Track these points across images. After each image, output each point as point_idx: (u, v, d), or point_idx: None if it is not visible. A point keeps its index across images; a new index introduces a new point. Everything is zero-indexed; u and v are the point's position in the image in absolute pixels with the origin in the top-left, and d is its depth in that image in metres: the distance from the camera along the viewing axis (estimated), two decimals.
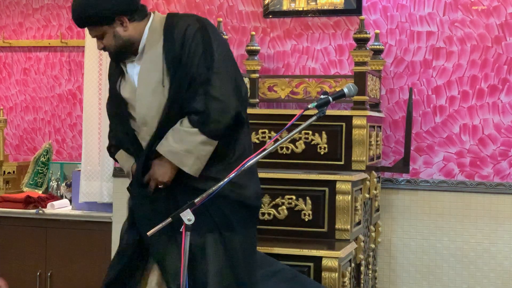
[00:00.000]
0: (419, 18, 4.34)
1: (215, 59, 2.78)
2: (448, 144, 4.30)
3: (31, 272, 4.75)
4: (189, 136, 2.76)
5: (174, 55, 2.81)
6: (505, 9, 4.22)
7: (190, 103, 2.77)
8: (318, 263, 3.23)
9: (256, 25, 4.61)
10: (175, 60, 2.81)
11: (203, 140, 2.76)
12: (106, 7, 2.76)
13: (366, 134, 3.78)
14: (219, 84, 2.76)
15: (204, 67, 2.77)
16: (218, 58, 2.79)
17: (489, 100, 4.25)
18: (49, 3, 5.33)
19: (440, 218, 4.31)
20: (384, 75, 4.37)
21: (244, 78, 4.28)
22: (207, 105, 2.74)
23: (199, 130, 2.75)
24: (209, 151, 2.79)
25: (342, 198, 3.49)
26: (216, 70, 2.77)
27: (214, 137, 2.77)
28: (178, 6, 4.76)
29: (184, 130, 2.77)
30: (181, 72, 2.80)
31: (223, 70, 2.79)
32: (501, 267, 4.22)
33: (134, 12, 2.85)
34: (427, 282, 4.33)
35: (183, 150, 2.76)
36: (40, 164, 5.18)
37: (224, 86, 2.76)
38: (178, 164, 2.78)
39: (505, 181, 4.21)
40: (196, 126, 2.75)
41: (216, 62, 2.78)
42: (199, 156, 2.77)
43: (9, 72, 5.46)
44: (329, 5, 4.46)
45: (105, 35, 2.83)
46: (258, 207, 3.02)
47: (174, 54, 2.81)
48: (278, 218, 3.57)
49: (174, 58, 2.81)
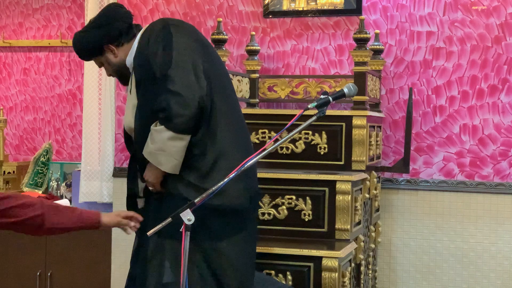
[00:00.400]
0: (419, 18, 4.34)
1: (173, 54, 2.81)
2: (448, 144, 4.30)
3: (31, 272, 4.75)
4: (158, 134, 2.80)
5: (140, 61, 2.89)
6: (505, 9, 4.22)
7: (155, 102, 2.81)
8: (318, 263, 3.23)
9: (256, 25, 4.61)
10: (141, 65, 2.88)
11: (170, 136, 2.78)
12: (91, 40, 2.99)
13: (366, 134, 3.78)
14: (178, 78, 2.78)
15: (164, 64, 2.81)
16: (177, 53, 2.82)
17: (489, 100, 4.25)
18: (49, 3, 5.33)
19: (440, 218, 4.31)
20: (384, 75, 4.38)
21: (243, 77, 4.31)
22: (168, 101, 2.76)
23: (165, 126, 2.78)
24: (181, 146, 2.80)
25: (342, 198, 3.49)
26: (175, 65, 2.79)
27: (181, 131, 2.78)
28: (178, 6, 4.76)
29: (154, 129, 2.82)
30: (145, 74, 2.86)
31: (181, 63, 2.80)
32: (501, 267, 4.22)
33: (120, 38, 2.99)
34: (427, 282, 4.33)
35: (156, 149, 2.80)
36: (40, 164, 5.18)
37: (183, 79, 2.78)
38: (155, 163, 2.83)
39: (505, 181, 4.21)
40: (162, 123, 2.79)
41: (174, 57, 2.81)
42: (170, 152, 2.79)
43: (9, 72, 5.46)
44: (329, 5, 4.46)
45: (103, 64, 3.06)
46: (242, 209, 2.91)
47: (140, 59, 2.89)
48: (278, 218, 3.57)
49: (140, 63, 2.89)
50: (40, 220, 2.68)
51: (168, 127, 2.77)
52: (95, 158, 4.80)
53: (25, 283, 4.74)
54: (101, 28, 2.97)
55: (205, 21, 4.70)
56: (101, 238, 4.70)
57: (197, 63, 2.83)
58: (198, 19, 4.71)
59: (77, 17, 5.25)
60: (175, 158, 2.80)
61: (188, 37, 2.89)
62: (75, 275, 4.72)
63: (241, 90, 4.28)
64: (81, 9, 5.18)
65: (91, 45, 2.98)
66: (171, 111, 2.75)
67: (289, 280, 3.27)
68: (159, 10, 4.80)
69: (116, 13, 3.02)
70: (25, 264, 4.75)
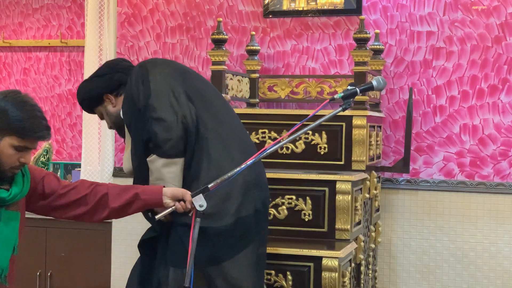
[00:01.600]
0: (419, 18, 4.34)
1: (151, 85, 2.88)
2: (448, 144, 4.30)
3: (31, 272, 4.75)
4: (152, 164, 2.84)
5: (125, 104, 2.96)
6: (505, 9, 4.21)
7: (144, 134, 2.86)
8: (318, 263, 3.23)
9: (256, 25, 4.61)
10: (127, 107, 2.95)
11: (163, 163, 2.82)
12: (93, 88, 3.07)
13: (366, 134, 3.78)
14: (158, 104, 2.84)
15: (144, 96, 2.87)
16: (154, 83, 2.89)
17: (489, 100, 4.24)
18: (49, 3, 5.33)
19: (440, 218, 4.31)
20: (384, 75, 4.37)
21: (243, 77, 4.31)
22: (153, 129, 2.82)
23: (156, 155, 2.83)
24: (177, 171, 2.84)
25: (342, 198, 3.48)
26: (154, 94, 2.86)
27: (172, 155, 2.82)
28: (178, 6, 4.76)
29: (148, 160, 2.86)
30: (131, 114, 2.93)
31: (160, 91, 2.87)
32: (501, 267, 4.22)
33: (119, 88, 3.06)
34: (427, 282, 4.33)
35: (154, 180, 2.84)
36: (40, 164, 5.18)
37: (163, 105, 2.84)
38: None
39: (505, 181, 4.21)
40: (153, 152, 2.84)
41: (152, 88, 2.88)
42: (168, 179, 2.82)
43: (9, 72, 5.46)
44: (329, 5, 4.46)
45: (103, 115, 3.13)
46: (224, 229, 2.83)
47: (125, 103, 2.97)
48: (278, 218, 3.57)
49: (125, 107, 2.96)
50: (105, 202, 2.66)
51: (159, 154, 2.82)
52: (95, 158, 4.80)
53: (25, 283, 4.73)
54: (102, 77, 3.08)
55: (205, 21, 4.70)
56: (101, 238, 4.70)
57: (176, 88, 2.89)
58: (198, 19, 4.71)
59: (77, 17, 5.24)
60: (173, 184, 2.82)
61: (164, 67, 2.98)
62: (75, 275, 4.71)
63: (241, 90, 4.28)
64: (81, 9, 5.18)
65: (92, 93, 3.06)
66: (157, 138, 2.80)
67: (289, 280, 3.27)
68: (159, 10, 4.80)
69: (118, 64, 3.13)
70: (25, 264, 4.74)
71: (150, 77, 2.90)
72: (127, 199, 2.65)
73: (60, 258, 4.74)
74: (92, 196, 2.65)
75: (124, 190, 2.68)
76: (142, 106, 2.86)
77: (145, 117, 2.84)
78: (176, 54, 4.77)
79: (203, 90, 3.00)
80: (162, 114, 2.82)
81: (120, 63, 3.14)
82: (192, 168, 2.85)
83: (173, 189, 2.69)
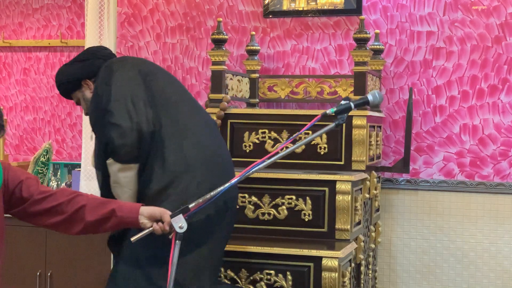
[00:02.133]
0: (419, 18, 4.34)
1: (112, 89, 2.91)
2: (448, 144, 4.30)
3: (31, 272, 4.75)
4: (110, 167, 2.89)
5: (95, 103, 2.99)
6: (505, 9, 4.21)
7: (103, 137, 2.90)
8: (318, 263, 3.23)
9: (256, 25, 4.61)
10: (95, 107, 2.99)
11: (119, 168, 2.87)
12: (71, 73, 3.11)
13: (366, 134, 3.78)
14: (116, 110, 2.87)
15: (105, 100, 2.91)
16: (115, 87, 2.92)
17: (489, 100, 4.25)
18: (49, 3, 5.33)
19: (440, 218, 4.31)
20: (384, 75, 4.37)
21: (243, 77, 4.31)
22: (110, 133, 2.85)
23: (113, 159, 2.87)
24: (131, 176, 2.87)
25: (342, 198, 3.48)
26: (113, 99, 2.90)
27: (127, 161, 2.86)
28: (178, 6, 4.76)
29: (107, 163, 2.90)
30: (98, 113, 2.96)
31: (119, 96, 2.90)
32: (501, 267, 4.22)
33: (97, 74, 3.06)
34: (427, 282, 4.33)
35: (112, 182, 2.89)
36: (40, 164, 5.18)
37: (120, 110, 2.87)
38: (116, 197, 2.90)
39: (505, 181, 4.21)
40: (110, 156, 2.87)
41: (113, 92, 2.91)
42: (123, 184, 2.87)
43: (9, 72, 5.46)
44: (329, 5, 4.46)
45: (80, 101, 3.14)
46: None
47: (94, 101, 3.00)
48: (278, 218, 3.57)
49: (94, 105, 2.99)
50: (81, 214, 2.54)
51: (115, 159, 2.86)
52: None
53: (25, 283, 4.73)
54: (83, 63, 3.11)
55: (205, 21, 4.70)
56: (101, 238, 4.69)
57: (136, 93, 2.91)
58: (198, 19, 4.71)
59: (77, 17, 5.24)
60: (129, 189, 2.87)
61: (129, 69, 2.99)
62: (75, 275, 4.71)
63: (241, 90, 4.28)
64: (81, 9, 5.18)
65: (72, 77, 3.11)
66: (114, 143, 2.84)
67: (289, 280, 3.27)
68: (159, 10, 4.80)
69: (99, 51, 3.17)
70: (25, 264, 4.74)
71: (113, 80, 2.94)
72: (103, 214, 2.55)
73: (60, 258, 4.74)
74: (69, 206, 2.55)
75: (102, 204, 2.58)
76: (103, 109, 2.90)
77: (104, 120, 2.89)
78: (176, 54, 4.77)
79: (168, 93, 3.00)
80: (118, 120, 2.85)
81: (101, 50, 3.17)
82: (145, 174, 2.88)
83: (151, 208, 2.57)
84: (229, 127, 3.94)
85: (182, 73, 4.76)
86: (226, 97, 3.95)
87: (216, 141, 3.05)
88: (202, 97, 4.68)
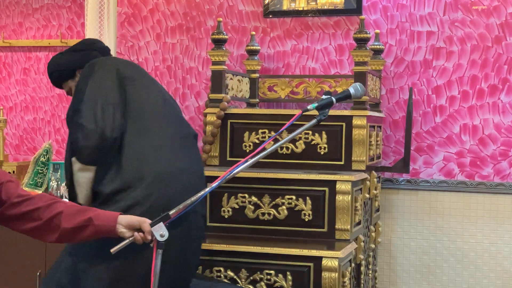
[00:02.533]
0: (419, 18, 4.34)
1: (87, 89, 2.94)
2: (448, 144, 4.30)
3: (31, 272, 4.74)
4: (73, 165, 2.92)
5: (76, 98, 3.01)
6: (505, 9, 4.21)
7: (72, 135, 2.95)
8: (318, 263, 3.23)
9: (256, 25, 4.61)
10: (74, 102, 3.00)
11: (79, 167, 2.90)
12: (65, 62, 3.17)
13: (366, 134, 3.78)
14: (85, 111, 2.90)
15: (79, 100, 2.95)
16: (89, 88, 2.94)
17: (489, 100, 4.24)
18: (49, 3, 5.33)
19: (440, 218, 4.31)
20: (384, 75, 4.37)
21: (243, 77, 4.30)
22: (76, 133, 2.89)
23: (76, 158, 2.90)
24: (89, 177, 2.90)
25: (342, 198, 3.48)
26: (86, 100, 2.92)
27: (87, 162, 2.88)
28: (178, 6, 4.76)
29: (72, 161, 2.93)
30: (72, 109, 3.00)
31: (91, 97, 2.92)
32: (501, 267, 4.22)
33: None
34: (427, 282, 4.33)
35: (74, 181, 2.93)
36: (40, 164, 5.17)
37: (88, 113, 2.88)
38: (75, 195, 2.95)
39: (505, 181, 4.21)
40: (74, 155, 2.91)
41: (87, 93, 2.94)
42: (81, 183, 2.90)
43: (9, 72, 5.46)
44: (329, 5, 4.46)
45: (71, 91, 3.16)
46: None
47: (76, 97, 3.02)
48: (278, 218, 3.57)
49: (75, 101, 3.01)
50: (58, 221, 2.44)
51: (77, 158, 2.89)
52: None
53: (25, 283, 4.73)
54: (78, 52, 3.15)
55: (205, 21, 4.70)
56: None
57: (107, 97, 2.92)
58: (198, 19, 4.71)
59: (77, 17, 5.24)
60: (85, 189, 2.90)
61: (108, 71, 3.00)
62: None
63: (241, 90, 4.28)
64: (81, 9, 5.18)
65: (66, 66, 3.15)
66: (78, 143, 2.87)
67: (289, 280, 3.27)
68: (159, 10, 4.80)
69: (95, 43, 3.21)
70: (25, 264, 4.74)
71: (90, 80, 2.96)
72: (80, 222, 2.44)
73: None
74: (46, 212, 2.45)
75: (79, 211, 2.48)
76: (75, 108, 2.94)
77: (74, 118, 2.92)
78: (176, 54, 4.77)
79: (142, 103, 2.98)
80: (85, 121, 2.87)
81: (97, 43, 3.22)
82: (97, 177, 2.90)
83: (129, 217, 2.46)
84: (229, 127, 3.94)
85: (182, 73, 4.76)
86: (226, 97, 3.95)
87: (186, 156, 3.00)
88: (202, 97, 4.68)
